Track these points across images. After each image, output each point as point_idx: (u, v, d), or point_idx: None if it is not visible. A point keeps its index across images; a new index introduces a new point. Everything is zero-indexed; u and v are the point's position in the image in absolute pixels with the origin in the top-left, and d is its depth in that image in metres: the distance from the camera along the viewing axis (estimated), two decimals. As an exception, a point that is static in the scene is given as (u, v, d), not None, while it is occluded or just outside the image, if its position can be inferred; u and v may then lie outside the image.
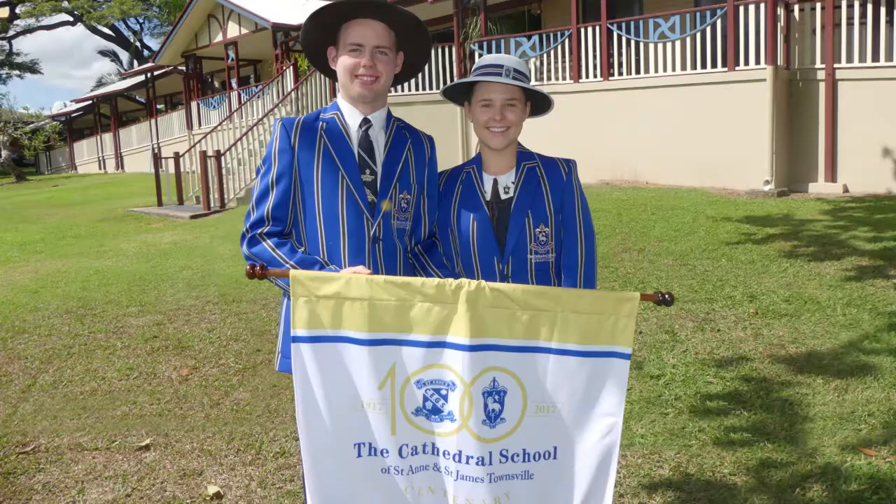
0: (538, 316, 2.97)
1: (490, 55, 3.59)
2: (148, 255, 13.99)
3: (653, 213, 13.04)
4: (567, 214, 3.53)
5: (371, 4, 3.29)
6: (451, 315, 2.93)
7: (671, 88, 16.33)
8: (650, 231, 11.75)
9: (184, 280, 11.34)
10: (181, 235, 16.24)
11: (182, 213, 19.93)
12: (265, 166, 3.36)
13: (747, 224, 11.82)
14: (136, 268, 12.65)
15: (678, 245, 10.78)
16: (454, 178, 3.64)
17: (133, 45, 62.96)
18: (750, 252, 10.15)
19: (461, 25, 21.03)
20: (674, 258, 10.12)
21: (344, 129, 3.40)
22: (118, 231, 17.88)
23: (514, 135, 3.53)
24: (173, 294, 10.46)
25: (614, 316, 2.98)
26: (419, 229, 3.52)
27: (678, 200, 14.11)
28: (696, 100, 15.85)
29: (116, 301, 10.23)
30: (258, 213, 3.30)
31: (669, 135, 16.22)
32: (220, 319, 9.01)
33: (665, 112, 16.32)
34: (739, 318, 7.76)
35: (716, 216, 12.48)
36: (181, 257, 13.40)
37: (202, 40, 31.24)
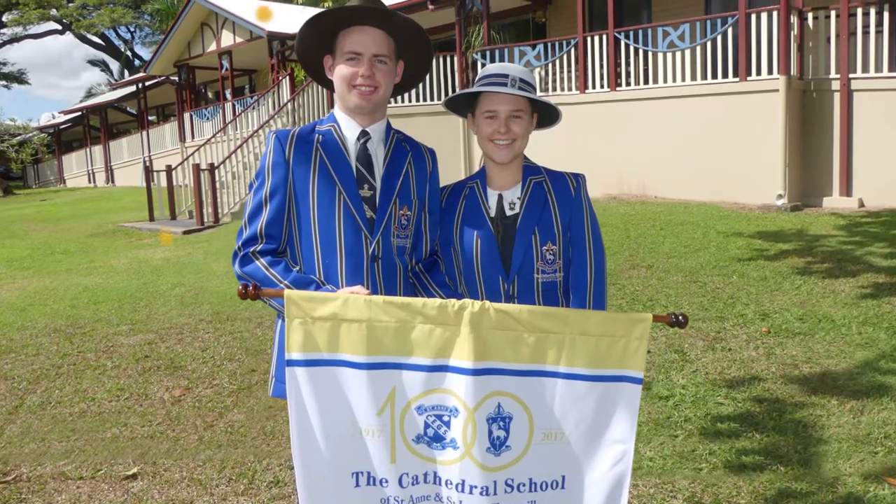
0: (545, 338, 2.91)
1: (494, 64, 3.52)
2: (139, 271, 14.00)
3: (662, 229, 13.07)
4: (576, 231, 3.46)
5: (370, 11, 3.24)
6: (454, 337, 2.87)
7: (681, 99, 16.35)
8: (659, 247, 11.77)
9: (176, 297, 11.35)
10: (173, 251, 16.25)
11: (175, 227, 19.93)
12: (258, 181, 3.30)
13: (759, 240, 11.84)
14: (126, 285, 12.67)
15: (688, 261, 10.80)
16: (457, 194, 3.56)
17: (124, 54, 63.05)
18: (762, 268, 10.17)
19: (463, 34, 21.15)
20: (683, 275, 10.14)
21: (341, 142, 3.34)
22: (108, 247, 17.91)
23: (519, 148, 3.45)
24: (165, 312, 10.47)
25: (625, 338, 2.92)
26: (420, 247, 3.46)
27: (688, 215, 14.14)
28: (706, 111, 15.88)
29: (106, 319, 10.24)
30: (251, 230, 3.24)
31: (679, 147, 16.26)
32: (214, 338, 9.02)
33: (674, 124, 16.36)
34: (751, 337, 7.77)
35: (727, 231, 12.50)
36: (173, 274, 13.42)
37: (195, 49, 31.28)
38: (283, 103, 23.97)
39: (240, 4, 29.14)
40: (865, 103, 14.58)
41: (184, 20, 30.07)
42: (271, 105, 24.97)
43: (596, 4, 21.08)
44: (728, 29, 15.60)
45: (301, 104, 23.46)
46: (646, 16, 21.25)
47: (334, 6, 3.36)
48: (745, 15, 15.31)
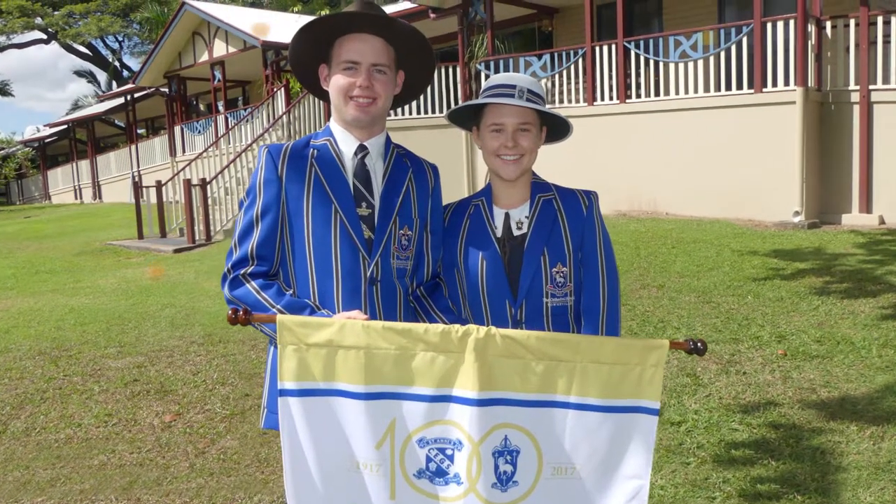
0: (555, 366, 2.86)
1: (501, 74, 3.46)
2: (128, 291, 14.04)
3: (673, 247, 13.09)
4: (587, 252, 3.39)
5: (368, 17, 3.17)
6: (458, 365, 2.81)
7: (693, 112, 16.38)
8: (670, 266, 11.80)
9: (166, 319, 11.37)
10: (163, 270, 16.29)
11: (165, 246, 19.98)
12: (249, 198, 3.23)
13: (775, 258, 11.86)
14: (114, 306, 12.70)
15: (701, 281, 10.82)
16: (461, 212, 3.50)
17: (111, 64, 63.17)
18: (778, 288, 10.19)
19: (466, 43, 21.19)
20: (696, 295, 10.16)
21: (337, 157, 3.27)
22: (96, 266, 17.96)
23: (527, 163, 3.40)
24: (155, 334, 10.48)
25: (640, 366, 2.85)
26: (421, 269, 3.39)
27: (701, 233, 14.17)
28: (720, 124, 15.91)
29: (93, 342, 10.26)
30: (241, 251, 3.17)
31: (691, 162, 16.28)
32: (206, 361, 9.03)
33: (687, 137, 16.38)
34: (767, 360, 7.78)
35: (741, 250, 12.53)
36: (164, 294, 13.45)
37: (186, 60, 31.36)
38: (277, 116, 24.02)
39: (233, 13, 29.26)
40: (886, 116, 14.61)
41: (174, 29, 30.12)
42: (266, 118, 25.00)
43: (604, 13, 21.11)
44: (743, 38, 15.66)
45: (297, 117, 23.49)
46: (657, 24, 21.32)
47: (331, 13, 3.29)
48: (760, 23, 15.35)
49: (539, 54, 19.60)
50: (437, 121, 20.22)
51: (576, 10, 21.83)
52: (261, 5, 43.27)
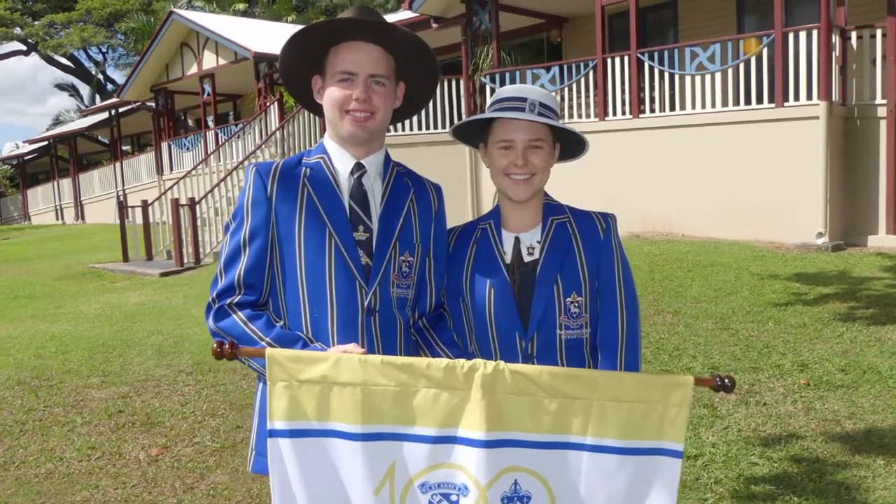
0: (569, 405, 2.77)
1: (510, 86, 3.37)
2: (112, 317, 14.05)
3: (689, 270, 13.12)
4: (605, 280, 3.29)
5: (365, 24, 3.08)
6: (464, 403, 2.72)
7: (710, 127, 16.40)
8: (686, 290, 11.83)
9: (153, 346, 11.38)
10: (150, 295, 16.31)
11: (151, 269, 19.98)
12: (235, 222, 3.14)
13: (797, 282, 11.88)
14: (98, 332, 12.71)
15: (718, 306, 10.84)
16: (466, 237, 3.41)
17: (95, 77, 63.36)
18: (800, 314, 10.20)
19: (470, 55, 21.27)
20: (714, 321, 10.18)
21: (332, 177, 3.17)
22: (78, 290, 17.98)
23: (539, 183, 3.31)
24: (141, 363, 10.49)
25: (662, 405, 2.76)
26: (424, 299, 3.30)
27: (718, 255, 14.19)
28: (738, 140, 15.92)
29: (76, 370, 10.26)
30: (227, 278, 3.07)
31: (708, 181, 16.29)
32: (195, 392, 9.04)
33: (703, 154, 16.40)
34: (789, 390, 7.79)
35: (761, 273, 12.55)
36: (150, 320, 13.47)
37: (174, 72, 31.50)
38: (271, 132, 24.13)
39: (223, 23, 29.38)
40: (914, 131, 14.61)
41: (161, 40, 30.27)
42: (258, 133, 25.14)
43: (617, 23, 21.18)
44: (763, 50, 15.69)
45: (291, 132, 23.58)
46: (672, 35, 21.38)
47: (325, 20, 3.22)
48: (781, 34, 15.38)
49: (547, 66, 19.70)
50: (438, 137, 20.31)
51: (586, 20, 21.95)
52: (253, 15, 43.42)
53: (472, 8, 21.31)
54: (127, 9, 51.51)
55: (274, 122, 24.74)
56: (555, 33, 23.71)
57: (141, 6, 51.44)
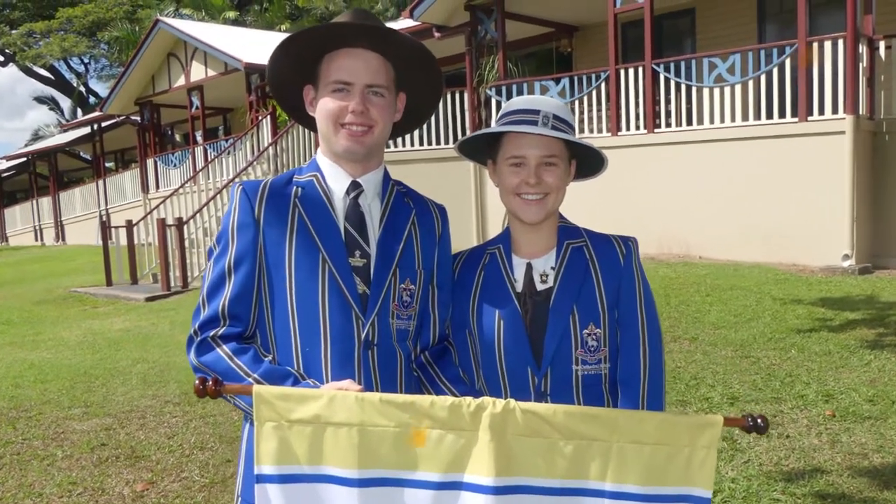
0: (587, 447, 2.67)
1: (521, 97, 3.26)
2: (94, 345, 14.08)
3: (707, 295, 13.14)
4: (625, 311, 3.19)
5: (362, 28, 2.98)
6: (470, 446, 2.63)
7: (730, 143, 16.40)
8: (704, 316, 11.84)
9: (138, 375, 11.39)
10: (135, 321, 16.35)
11: (136, 293, 20.02)
12: (220, 246, 3.03)
13: (822, 307, 11.89)
14: (80, 361, 12.73)
15: (738, 333, 10.85)
16: (473, 263, 3.30)
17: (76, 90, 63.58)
18: (825, 341, 10.20)
19: (475, 66, 21.29)
20: (733, 349, 10.19)
21: (326, 197, 3.07)
22: (58, 316, 18.01)
23: (553, 204, 3.20)
24: (125, 393, 10.50)
25: (689, 448, 2.67)
26: (427, 331, 3.19)
27: (738, 279, 14.21)
28: (759, 157, 15.91)
29: (56, 401, 10.27)
30: (211, 309, 2.95)
31: (728, 200, 16.30)
32: (183, 423, 9.05)
33: (722, 172, 16.39)
34: (813, 422, 7.79)
35: (784, 298, 12.56)
36: (135, 348, 13.49)
37: (160, 84, 31.55)
38: (263, 147, 24.17)
39: (212, 32, 29.43)
40: (947, 147, 14.63)
41: (147, 50, 30.33)
42: (250, 149, 25.18)
43: (630, 31, 21.23)
44: (785, 60, 15.71)
45: (285, 148, 23.62)
46: (689, 45, 21.41)
47: (318, 24, 3.13)
48: (805, 44, 15.38)
49: (557, 78, 19.74)
50: (440, 153, 20.40)
51: (598, 29, 22.02)
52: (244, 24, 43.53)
53: (477, 16, 21.36)
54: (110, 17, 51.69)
55: (266, 138, 24.81)
56: (564, 43, 23.76)
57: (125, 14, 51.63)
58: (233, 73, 27.27)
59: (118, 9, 52.20)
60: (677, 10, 21.46)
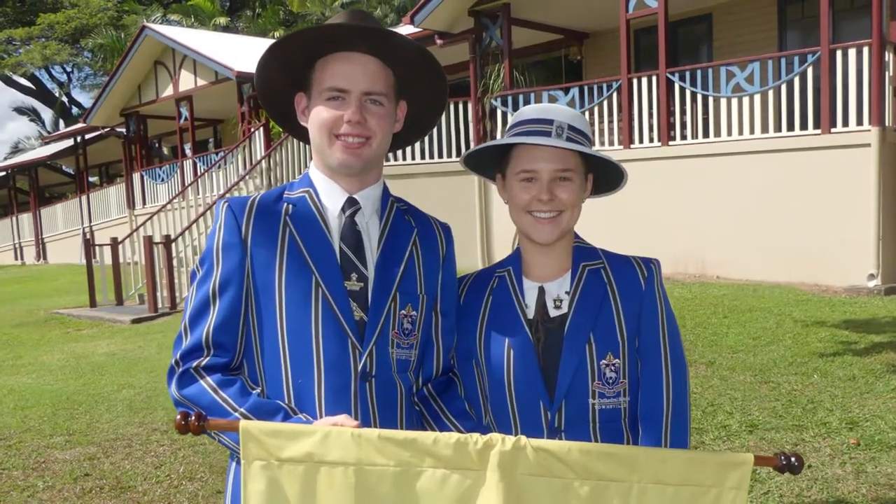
0: (604, 488, 2.60)
1: (533, 106, 3.19)
2: (78, 369, 14.08)
3: (725, 316, 13.14)
4: (647, 339, 3.10)
5: (359, 30, 2.90)
6: (478, 487, 2.54)
7: (748, 156, 16.40)
8: (722, 339, 11.84)
9: (124, 402, 11.39)
10: (120, 344, 16.34)
11: (121, 315, 20.01)
12: (203, 268, 2.94)
13: (846, 330, 11.88)
14: (62, 386, 12.73)
15: (758, 357, 10.85)
16: (481, 287, 3.23)
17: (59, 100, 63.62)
18: (850, 366, 10.20)
19: (479, 75, 21.34)
20: (752, 374, 10.19)
21: (319, 214, 2.98)
22: (40, 339, 18.02)
23: (568, 222, 3.12)
24: (110, 420, 10.50)
25: (716, 489, 2.60)
26: (430, 361, 3.10)
27: (758, 299, 14.21)
28: (780, 171, 15.90)
29: (37, 429, 10.28)
30: (193, 337, 2.85)
31: (746, 216, 16.28)
32: (171, 452, 9.04)
33: (741, 187, 16.38)
34: (836, 451, 7.78)
35: (806, 320, 12.56)
36: (120, 373, 13.48)
37: (147, 94, 31.61)
38: (256, 161, 24.19)
39: (202, 39, 29.45)
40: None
41: (133, 58, 30.36)
42: (241, 163, 25.20)
43: (643, 38, 21.26)
44: (808, 69, 15.69)
45: (279, 162, 23.69)
46: (705, 53, 21.44)
47: (311, 26, 3.06)
48: (828, 51, 15.37)
49: (566, 87, 19.78)
50: (442, 167, 20.47)
51: (609, 36, 22.11)
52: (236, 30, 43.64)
53: (482, 22, 21.40)
54: (94, 23, 51.73)
55: (259, 150, 24.84)
56: (574, 50, 23.79)
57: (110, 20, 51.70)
58: (224, 82, 27.32)
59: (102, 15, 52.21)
60: (693, 16, 21.50)
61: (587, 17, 22.28)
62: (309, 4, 40.40)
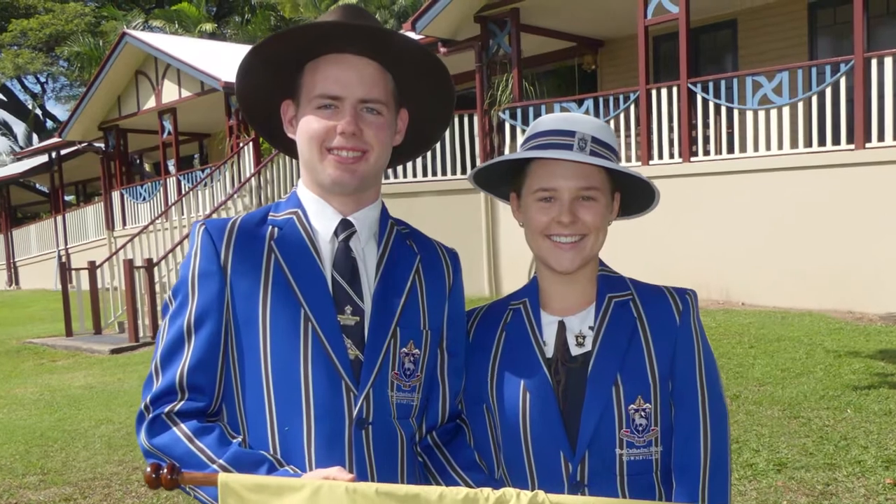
0: None
1: (552, 115, 3.03)
2: (53, 403, 14.09)
3: (751, 346, 13.15)
4: (682, 382, 2.92)
5: (355, 29, 2.75)
6: None
7: (776, 173, 16.32)
8: (748, 371, 11.84)
9: (102, 439, 11.39)
10: (98, 376, 16.35)
11: (100, 345, 20.02)
12: (177, 300, 2.79)
13: (882, 361, 11.87)
14: (36, 421, 12.75)
15: (786, 390, 10.84)
16: (493, 322, 3.07)
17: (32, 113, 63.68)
18: (886, 400, 10.19)
19: (486, 86, 21.28)
20: (781, 408, 10.19)
21: (309, 239, 2.83)
22: (12, 371, 18.05)
23: (592, 248, 2.96)
24: (88, 458, 10.50)
25: None
26: (435, 406, 2.95)
27: (786, 328, 14.21)
28: (811, 189, 15.82)
29: (9, 467, 10.28)
30: (165, 378, 2.69)
31: (774, 238, 16.21)
32: (153, 494, 8.97)
33: (768, 206, 16.32)
34: (871, 491, 7.77)
35: (838, 350, 12.54)
36: (98, 407, 13.49)
37: (128, 107, 31.65)
38: (245, 178, 24.20)
39: (187, 47, 29.46)
40: None
41: (112, 67, 30.37)
42: (229, 181, 25.20)
43: (663, 46, 21.32)
44: (840, 79, 15.64)
45: (270, 179, 23.69)
46: (730, 61, 21.46)
47: (299, 25, 2.83)
48: (863, 60, 15.32)
49: (580, 99, 19.79)
50: (445, 185, 20.47)
51: (626, 43, 22.16)
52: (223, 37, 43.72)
53: (489, 29, 21.35)
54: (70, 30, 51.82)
55: (249, 167, 24.79)
56: (588, 59, 23.81)
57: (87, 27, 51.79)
58: (210, 93, 27.37)
59: (79, 21, 52.32)
60: (717, 22, 21.57)
61: (603, 24, 22.32)
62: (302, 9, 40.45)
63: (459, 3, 20.71)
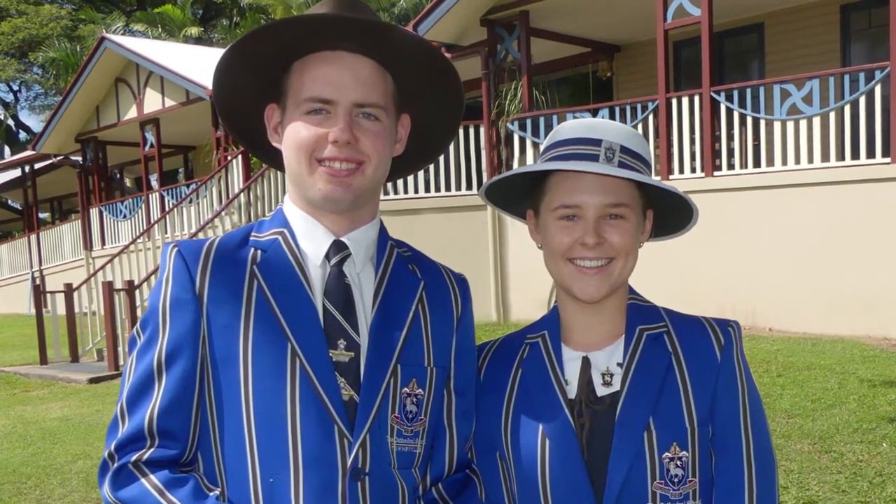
0: None
1: (576, 122, 2.85)
2: (26, 437, 14.09)
3: (779, 375, 13.13)
4: (724, 426, 2.75)
5: (349, 23, 2.58)
6: None
7: (806, 189, 16.24)
8: (776, 402, 11.82)
9: (79, 475, 11.38)
10: (76, 408, 16.33)
11: (77, 374, 19.97)
12: (146, 333, 2.61)
13: (921, 391, 11.91)
14: (7, 456, 12.75)
15: (817, 422, 10.84)
16: (508, 357, 2.91)
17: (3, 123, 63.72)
18: (924, 433, 10.23)
19: (493, 94, 21.18)
20: (811, 442, 10.20)
21: (296, 263, 2.67)
22: (-20, 402, 18.02)
23: (621, 273, 2.79)
24: (64, 495, 10.52)
25: None
26: (441, 454, 2.79)
27: (817, 355, 14.18)
28: (843, 206, 15.76)
29: (-21, 506, 10.33)
30: (133, 422, 2.54)
31: (803, 259, 16.13)
32: (134, 534, 9.05)
33: (797, 224, 16.26)
34: (908, 532, 7.82)
35: (873, 379, 12.52)
36: (75, 440, 13.49)
37: (107, 117, 31.68)
38: (233, 194, 24.17)
39: (170, 52, 29.49)
40: None
41: (90, 74, 30.39)
42: (216, 197, 25.22)
43: (684, 52, 21.31)
44: (875, 87, 15.57)
45: (260, 195, 23.72)
46: (756, 69, 21.46)
47: (285, 18, 2.64)
48: (897, 67, 15.35)
49: (594, 108, 19.75)
50: (449, 201, 20.46)
51: (644, 49, 22.19)
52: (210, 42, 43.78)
53: (496, 33, 21.24)
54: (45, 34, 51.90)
55: (238, 182, 24.78)
56: (604, 66, 23.77)
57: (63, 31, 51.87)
58: (195, 102, 27.36)
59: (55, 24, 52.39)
60: (742, 26, 21.57)
61: (619, 28, 22.30)
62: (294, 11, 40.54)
63: (464, 6, 20.61)
